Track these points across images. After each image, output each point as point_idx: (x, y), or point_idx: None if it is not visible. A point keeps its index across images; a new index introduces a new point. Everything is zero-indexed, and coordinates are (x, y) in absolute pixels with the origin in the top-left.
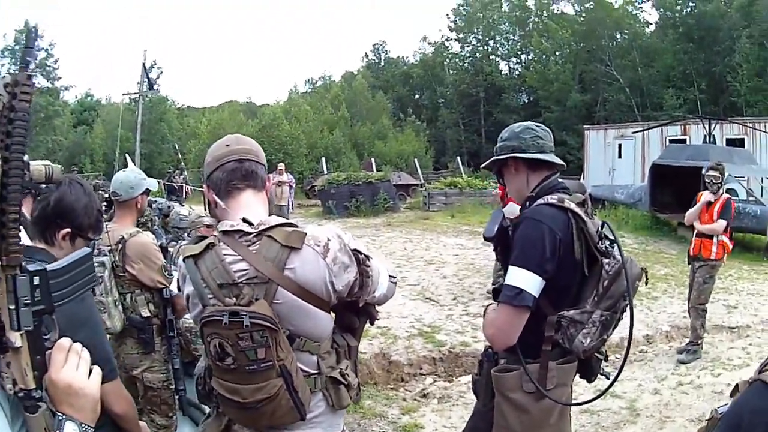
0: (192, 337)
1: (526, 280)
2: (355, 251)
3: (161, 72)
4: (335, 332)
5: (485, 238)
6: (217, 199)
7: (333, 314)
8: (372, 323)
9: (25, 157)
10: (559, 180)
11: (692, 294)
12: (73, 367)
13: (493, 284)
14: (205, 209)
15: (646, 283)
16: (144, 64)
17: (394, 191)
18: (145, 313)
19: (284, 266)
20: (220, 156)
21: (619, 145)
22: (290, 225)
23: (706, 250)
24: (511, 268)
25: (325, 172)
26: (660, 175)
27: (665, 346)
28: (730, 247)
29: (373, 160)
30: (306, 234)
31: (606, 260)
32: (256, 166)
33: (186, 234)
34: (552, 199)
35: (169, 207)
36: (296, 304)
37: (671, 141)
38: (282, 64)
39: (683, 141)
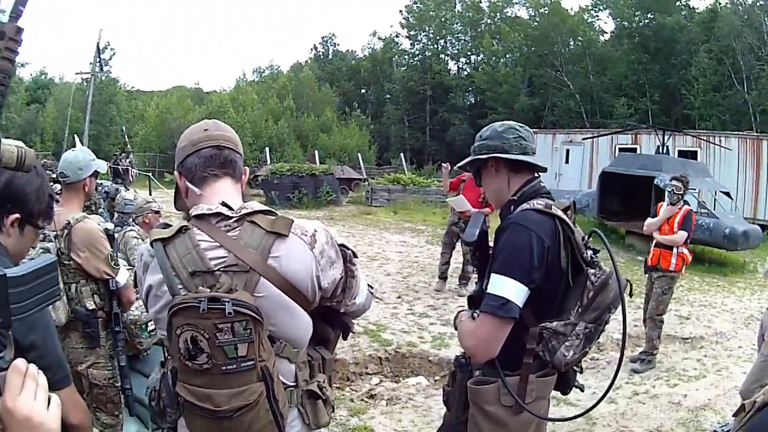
0: (137, 330)
1: (511, 290)
2: (342, 246)
3: (114, 53)
4: (309, 344)
5: (466, 243)
6: (191, 186)
7: None
8: (345, 337)
9: None
10: (542, 184)
11: (650, 304)
12: (30, 395)
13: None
14: (150, 194)
15: (631, 295)
16: (98, 44)
17: (337, 185)
18: (90, 305)
19: (268, 254)
20: (197, 140)
21: (567, 151)
22: (273, 212)
23: (665, 260)
24: (494, 276)
25: (269, 162)
26: (609, 182)
27: (616, 354)
28: (689, 258)
29: (316, 152)
30: (293, 221)
31: (592, 271)
32: (235, 154)
33: (131, 219)
34: (539, 204)
35: (116, 190)
36: (279, 299)
37: (621, 149)
38: (231, 52)
39: (633, 150)
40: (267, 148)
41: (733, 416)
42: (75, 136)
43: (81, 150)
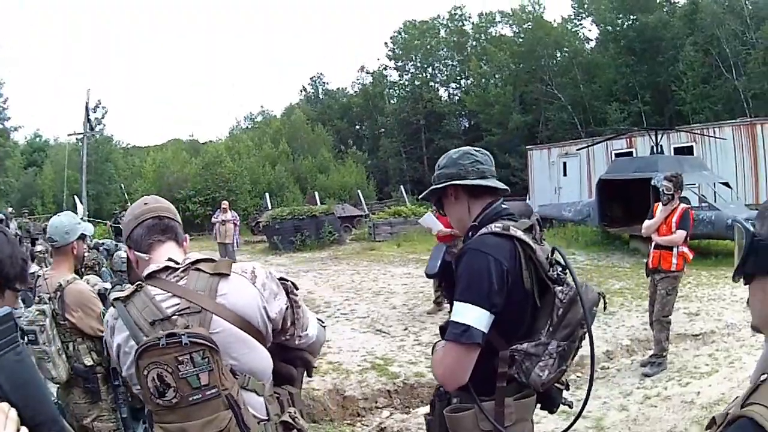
0: None
1: (472, 316)
2: (282, 279)
3: (106, 111)
4: (274, 384)
5: (428, 275)
6: (140, 254)
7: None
8: (309, 374)
9: None
10: (503, 206)
11: (655, 307)
12: (0, 427)
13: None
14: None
15: (605, 308)
16: (87, 103)
17: (339, 223)
18: (89, 361)
19: (216, 294)
20: (138, 214)
21: (564, 163)
22: (214, 260)
23: (666, 262)
24: (456, 303)
25: (269, 207)
26: (607, 189)
27: (627, 361)
28: (690, 257)
29: (316, 193)
30: (232, 263)
31: (559, 288)
32: (174, 223)
33: (128, 277)
34: (496, 227)
35: (116, 246)
36: (234, 332)
37: (617, 155)
38: (223, 100)
39: (629, 154)
40: (266, 194)
41: (706, 429)
42: (75, 197)
43: (66, 214)
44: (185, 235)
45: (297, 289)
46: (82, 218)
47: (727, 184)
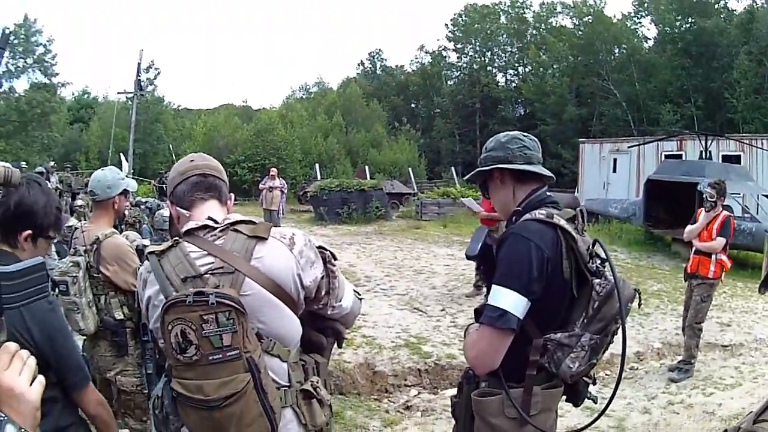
0: None
1: (510, 301)
2: (321, 248)
3: (158, 73)
4: (301, 351)
5: (467, 257)
6: (181, 210)
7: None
8: (340, 345)
9: None
10: (548, 193)
11: (689, 312)
12: (16, 371)
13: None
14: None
15: (640, 305)
16: (139, 63)
17: (387, 199)
18: (119, 315)
19: (251, 256)
20: (184, 170)
21: (614, 159)
22: (254, 222)
23: (704, 268)
24: (494, 287)
25: (318, 178)
26: (655, 190)
27: (656, 364)
28: (729, 265)
29: (366, 167)
30: (271, 226)
31: (597, 281)
32: (219, 181)
33: (169, 233)
34: (540, 214)
35: (159, 205)
36: (264, 296)
37: (667, 156)
38: (279, 70)
39: (679, 156)
40: (317, 164)
41: None
42: (121, 154)
43: (110, 169)
44: (230, 194)
45: (336, 259)
46: (126, 175)
47: None
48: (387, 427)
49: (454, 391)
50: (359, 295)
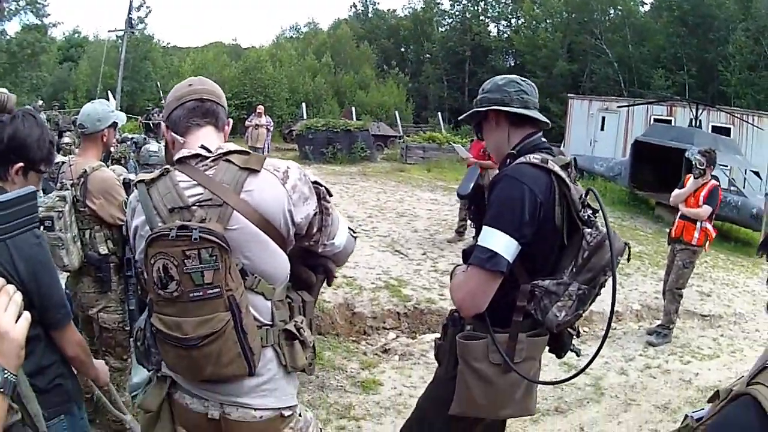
0: None
1: (501, 243)
2: (316, 183)
3: (149, 11)
4: (289, 288)
5: (459, 196)
6: (176, 136)
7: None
8: (330, 283)
9: None
10: (542, 139)
11: (670, 277)
12: (2, 307)
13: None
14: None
15: (629, 259)
16: (131, 1)
17: (372, 141)
18: (104, 250)
19: (241, 189)
20: (181, 95)
21: (603, 118)
22: (248, 152)
23: (688, 233)
24: (485, 228)
25: (305, 117)
26: (642, 152)
27: (634, 325)
28: (713, 234)
29: (353, 108)
30: (265, 158)
31: (588, 230)
32: (217, 107)
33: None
34: (535, 158)
35: (144, 139)
36: (252, 231)
37: (656, 120)
38: (269, 8)
39: (668, 122)
40: (303, 104)
41: (707, 402)
42: (109, 92)
43: (99, 102)
44: (228, 119)
45: (330, 195)
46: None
47: (758, 174)
48: (365, 370)
49: (432, 336)
50: (354, 232)
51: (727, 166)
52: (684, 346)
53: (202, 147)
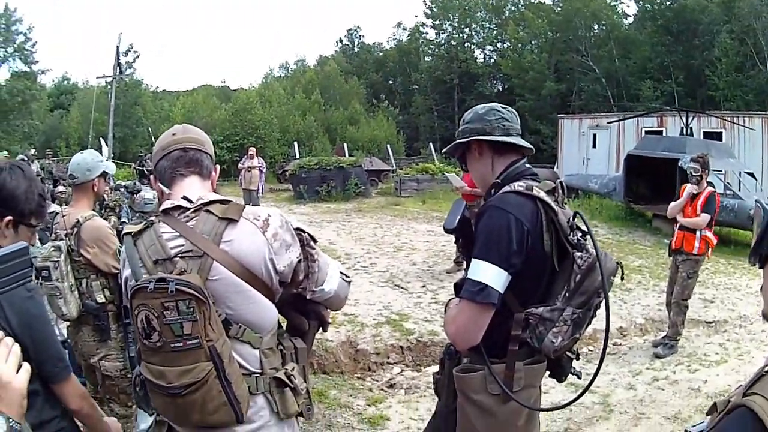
0: None
1: (490, 275)
2: (298, 230)
3: (137, 56)
4: (282, 335)
5: (446, 230)
6: (163, 188)
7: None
8: (324, 329)
9: None
10: (527, 166)
11: (675, 289)
12: (2, 358)
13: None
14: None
15: (622, 278)
16: (118, 47)
17: (366, 176)
18: (101, 298)
19: (220, 239)
20: (165, 145)
21: (594, 135)
22: (229, 201)
23: (689, 244)
24: (474, 261)
25: (297, 156)
26: (635, 165)
27: (639, 339)
28: (714, 241)
29: (345, 145)
30: (244, 207)
31: (578, 254)
32: (201, 155)
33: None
34: (519, 186)
35: (134, 184)
36: (233, 281)
37: (647, 132)
38: (257, 48)
39: (659, 132)
40: (295, 143)
41: (706, 414)
42: (101, 139)
43: (89, 152)
44: (215, 166)
45: (315, 241)
46: (106, 159)
47: (752, 175)
48: (371, 406)
49: (437, 367)
50: (347, 277)
51: (721, 171)
52: (691, 354)
53: (184, 198)
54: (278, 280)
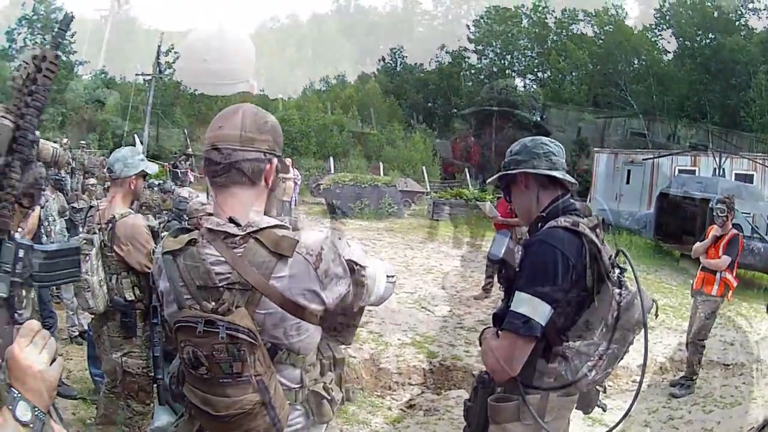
0: None
1: (534, 308)
2: (350, 262)
3: (177, 56)
4: (322, 341)
5: (491, 261)
6: (210, 188)
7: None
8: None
9: (37, 133)
10: (571, 201)
11: (692, 329)
12: (37, 349)
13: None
14: (207, 197)
15: (656, 316)
16: (159, 46)
17: (400, 197)
18: (130, 296)
19: (271, 274)
20: (206, 139)
21: (629, 171)
22: (281, 227)
23: (709, 285)
24: (518, 293)
25: (332, 171)
26: (667, 204)
27: (658, 378)
28: (734, 284)
29: (381, 164)
30: (298, 242)
31: (617, 290)
32: (242, 155)
33: (185, 217)
34: (566, 222)
35: (165, 182)
36: (281, 315)
37: (680, 171)
38: (298, 61)
39: (692, 172)
40: (331, 158)
41: None
42: (135, 136)
43: (130, 149)
44: (286, 160)
45: (365, 269)
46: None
47: None
48: (389, 425)
49: (458, 392)
50: (392, 277)
51: (749, 213)
52: (707, 396)
53: (231, 220)
54: (325, 309)
